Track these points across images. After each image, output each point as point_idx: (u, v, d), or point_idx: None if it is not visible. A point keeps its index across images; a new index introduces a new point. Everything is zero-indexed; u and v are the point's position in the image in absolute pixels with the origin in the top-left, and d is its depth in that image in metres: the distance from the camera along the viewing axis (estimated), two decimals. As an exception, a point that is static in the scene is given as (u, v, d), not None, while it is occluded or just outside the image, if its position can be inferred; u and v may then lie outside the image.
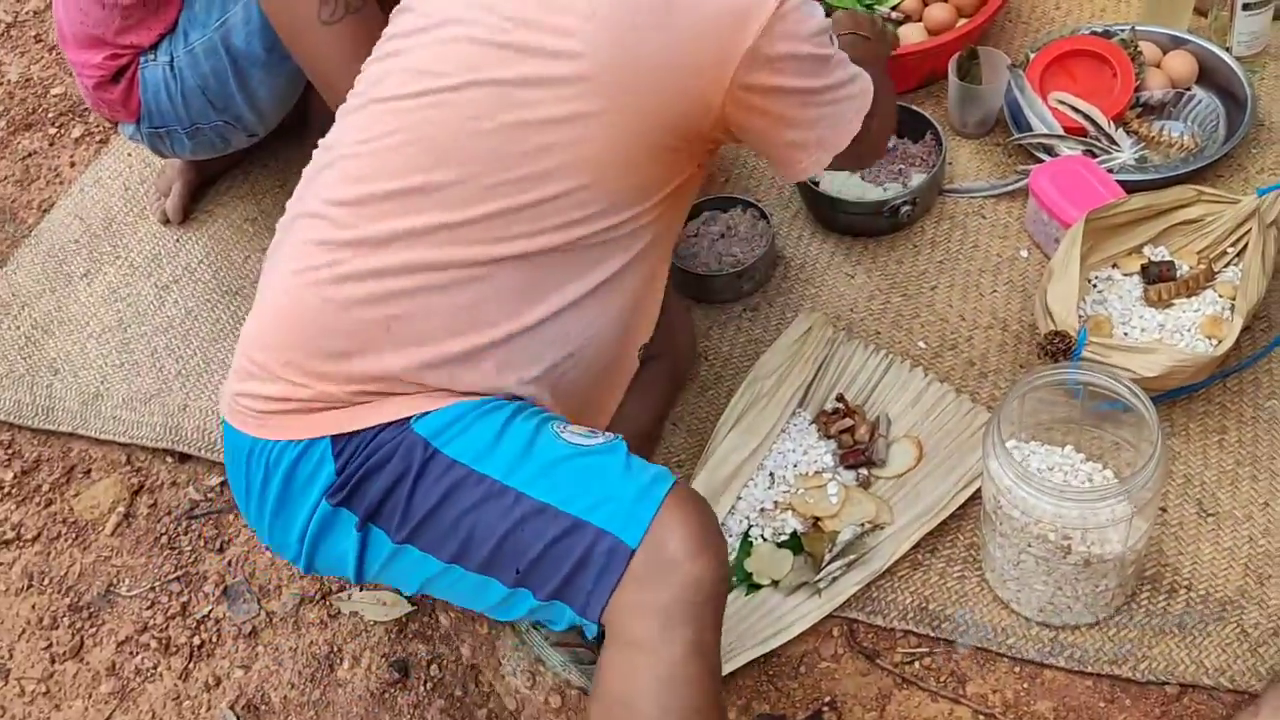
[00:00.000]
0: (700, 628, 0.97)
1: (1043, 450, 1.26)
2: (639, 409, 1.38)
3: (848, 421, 1.45)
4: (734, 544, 1.38)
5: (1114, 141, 1.65)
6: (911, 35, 1.81)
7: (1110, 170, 1.61)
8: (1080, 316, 1.46)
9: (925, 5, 1.86)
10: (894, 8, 1.86)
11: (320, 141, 1.16)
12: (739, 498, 1.43)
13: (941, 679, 1.27)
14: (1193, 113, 1.70)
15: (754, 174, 1.83)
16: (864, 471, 1.43)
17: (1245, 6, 1.70)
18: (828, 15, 1.13)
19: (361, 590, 1.44)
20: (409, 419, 1.04)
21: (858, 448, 1.43)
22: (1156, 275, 1.47)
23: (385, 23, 1.21)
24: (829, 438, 1.46)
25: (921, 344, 1.56)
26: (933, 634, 1.30)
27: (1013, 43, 1.91)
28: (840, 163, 1.15)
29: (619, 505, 0.99)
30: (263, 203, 1.92)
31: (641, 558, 0.97)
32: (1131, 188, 1.57)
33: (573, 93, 1.02)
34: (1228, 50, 1.74)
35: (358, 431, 1.04)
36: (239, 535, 1.55)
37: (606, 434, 1.07)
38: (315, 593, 1.47)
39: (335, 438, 1.04)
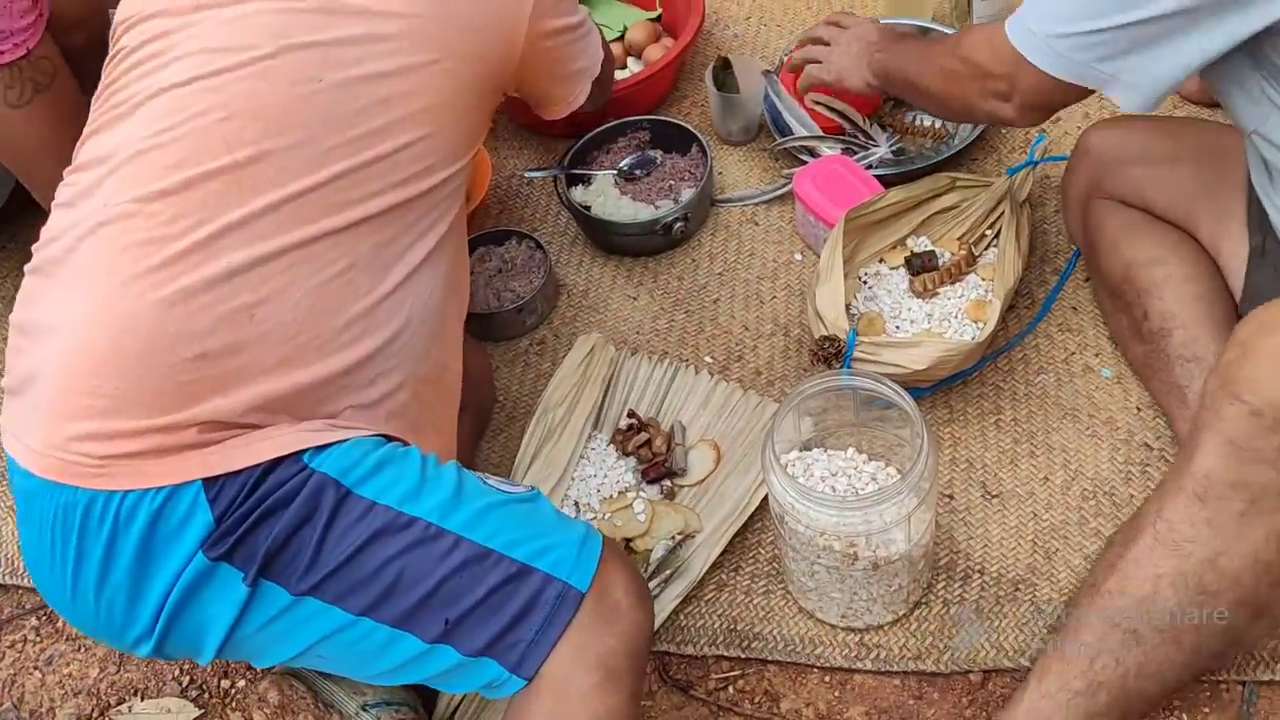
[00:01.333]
0: (638, 677, 0.98)
1: (825, 456, 1.26)
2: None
3: (643, 435, 1.43)
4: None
5: (870, 137, 1.68)
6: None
7: (870, 165, 1.64)
8: (854, 315, 1.48)
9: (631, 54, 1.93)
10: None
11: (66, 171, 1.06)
12: (547, 537, 1.38)
13: (756, 700, 1.25)
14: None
15: (527, 204, 1.79)
16: (667, 483, 1.41)
17: (985, -17, 1.75)
18: None
19: (142, 700, 1.33)
20: (300, 455, 0.95)
21: (657, 460, 1.41)
22: (920, 266, 1.50)
23: (81, 98, 1.12)
24: (628, 455, 1.43)
25: (709, 358, 1.55)
26: (744, 655, 1.28)
27: (768, 46, 1.94)
28: (595, 95, 1.35)
29: (565, 551, 0.97)
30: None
31: (590, 605, 0.95)
32: (891, 181, 1.60)
33: (395, 47, 1.04)
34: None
35: (237, 472, 0.93)
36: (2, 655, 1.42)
37: (523, 483, 1.06)
38: (92, 710, 1.35)
39: (207, 481, 0.93)
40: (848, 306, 1.48)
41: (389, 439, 1.03)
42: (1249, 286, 1.25)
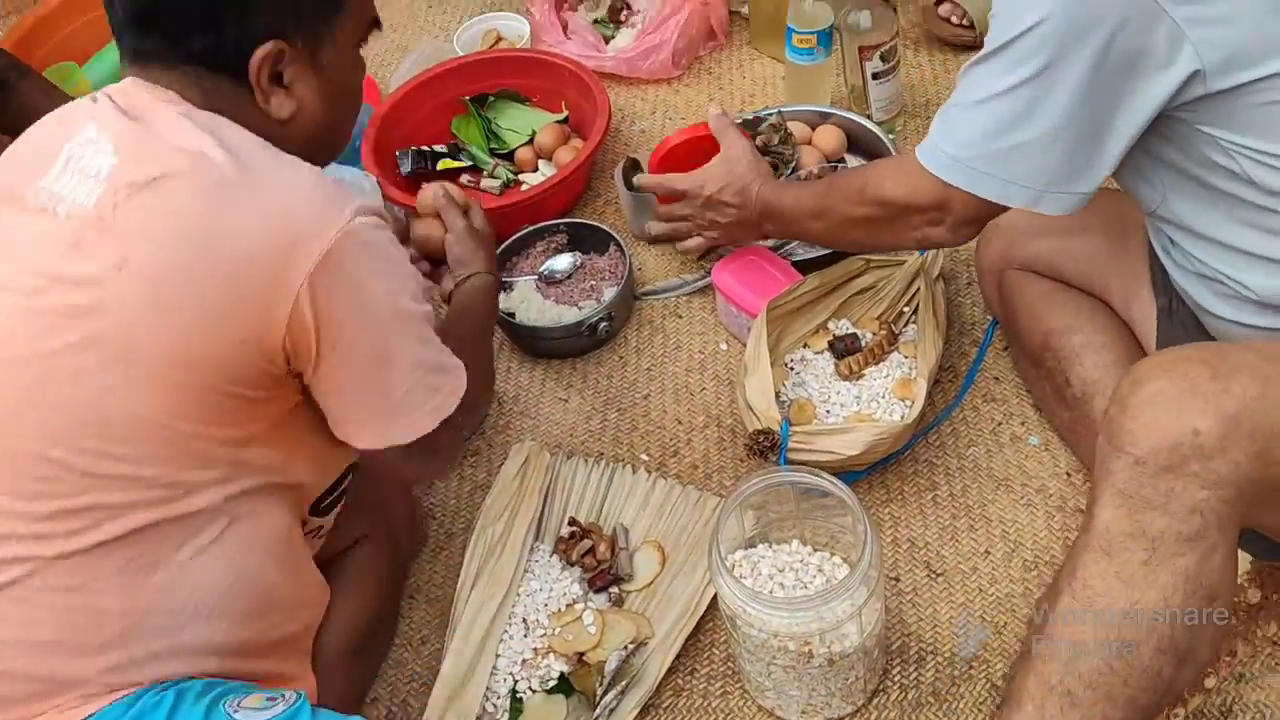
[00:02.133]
0: None
1: (770, 553, 1.26)
2: (355, 604, 1.29)
3: (587, 543, 1.42)
4: (503, 706, 1.31)
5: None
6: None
7: (783, 250, 1.67)
8: (784, 403, 1.49)
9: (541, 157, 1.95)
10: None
11: None
12: (498, 656, 1.35)
13: (724, 808, 1.23)
14: (849, 181, 1.79)
15: (450, 313, 1.78)
16: (615, 590, 1.39)
17: (874, 76, 1.81)
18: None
19: None
20: None
21: (602, 568, 1.39)
22: (843, 349, 1.52)
23: None
24: (572, 564, 1.41)
25: (645, 455, 1.55)
26: (707, 762, 1.26)
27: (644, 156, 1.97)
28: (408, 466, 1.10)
29: None
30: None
31: None
32: (806, 266, 1.62)
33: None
34: (868, 117, 1.85)
35: None
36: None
37: (288, 695, 0.97)
38: None
39: None
40: (777, 395, 1.50)
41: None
42: (1160, 346, 1.29)
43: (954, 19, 1.99)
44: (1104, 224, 1.34)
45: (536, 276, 1.72)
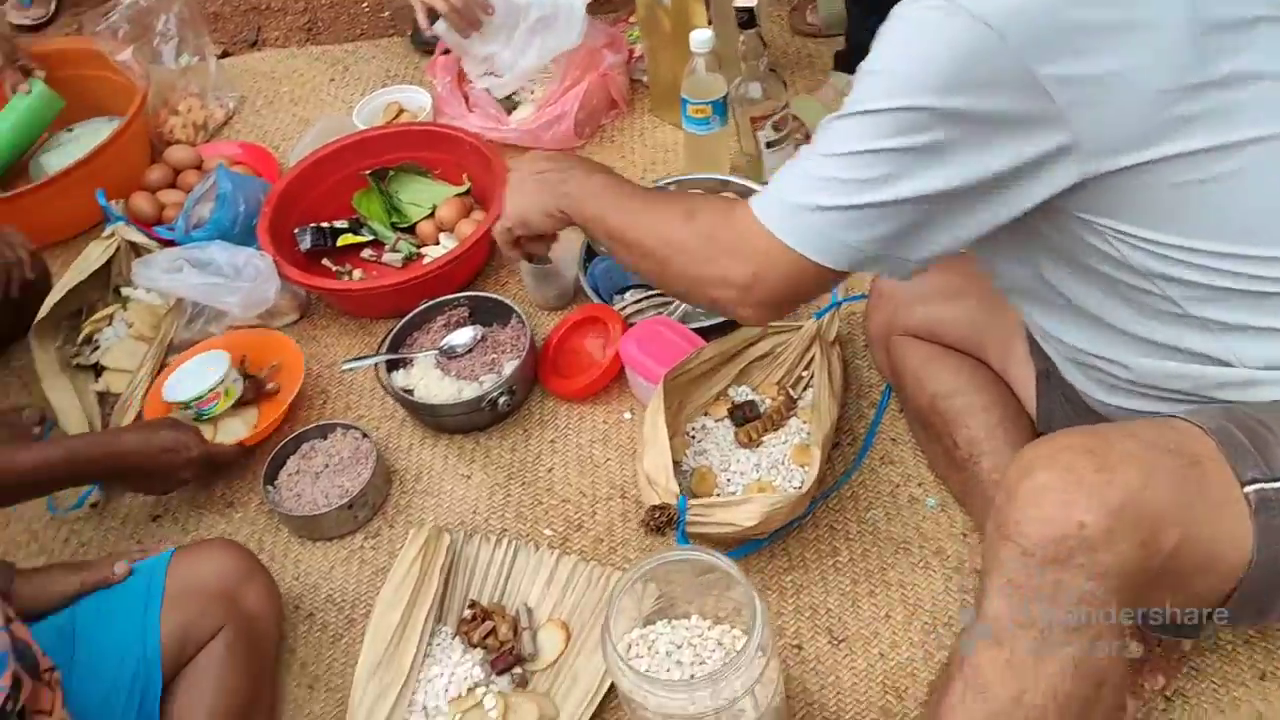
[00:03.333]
0: None
1: (669, 629, 1.25)
2: (219, 697, 1.28)
3: (488, 624, 1.39)
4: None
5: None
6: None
7: (684, 315, 1.68)
8: (685, 472, 1.49)
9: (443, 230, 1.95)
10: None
11: None
12: (400, 746, 1.32)
13: None
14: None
15: (350, 392, 1.76)
16: (518, 670, 1.37)
17: (768, 145, 1.84)
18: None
19: None
20: None
21: (505, 649, 1.37)
22: (743, 417, 1.53)
23: None
24: (474, 646, 1.39)
25: (548, 530, 1.54)
26: (613, 846, 1.24)
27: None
28: None
29: None
30: None
31: None
32: (708, 333, 1.64)
33: None
34: (765, 184, 1.88)
35: None
36: None
37: None
38: None
39: None
40: (678, 464, 1.50)
41: None
42: (1041, 411, 1.32)
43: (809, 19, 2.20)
44: (980, 289, 1.37)
45: (437, 351, 1.70)
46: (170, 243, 1.91)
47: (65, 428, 1.71)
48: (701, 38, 1.81)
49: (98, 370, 1.79)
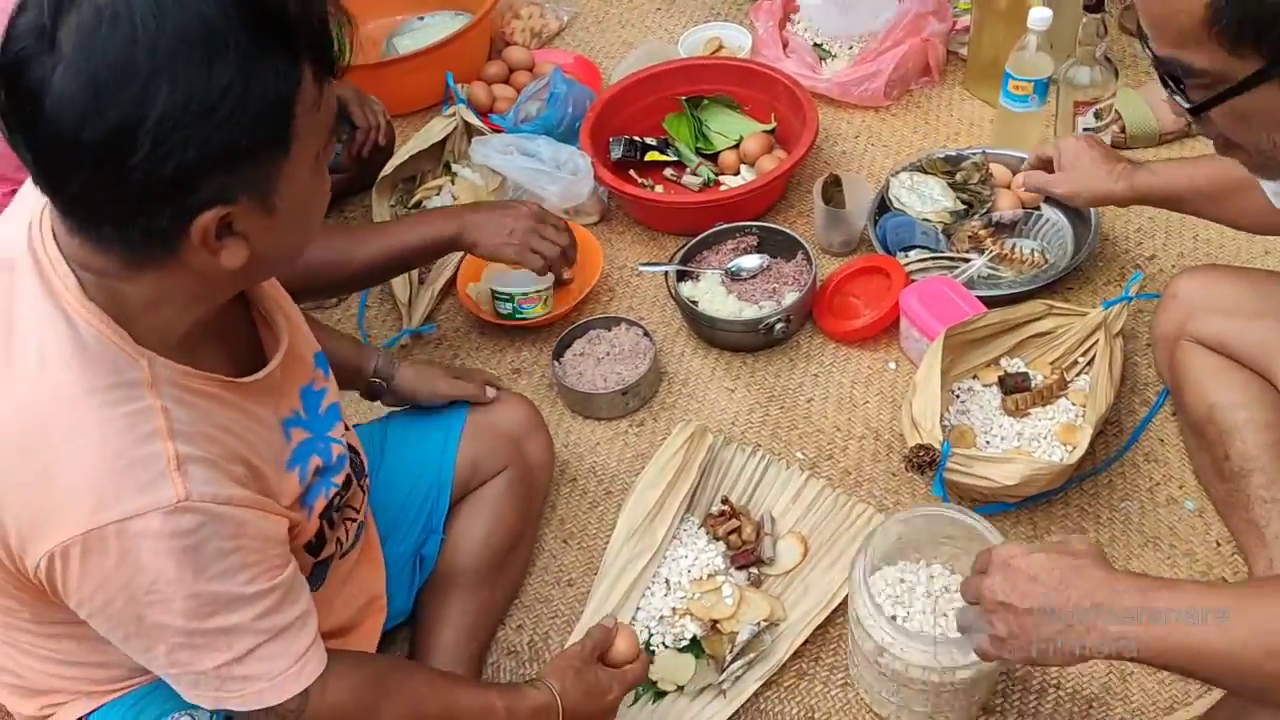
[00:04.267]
0: None
1: (910, 573, 1.31)
2: (492, 528, 1.43)
3: (734, 523, 1.50)
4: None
5: (965, 259, 1.77)
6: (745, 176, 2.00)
7: (969, 281, 1.72)
8: (945, 427, 1.54)
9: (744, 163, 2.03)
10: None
11: None
12: (638, 609, 1.45)
13: (828, 789, 1.29)
14: (1042, 230, 1.82)
15: (637, 294, 1.89)
16: (754, 570, 1.47)
17: (1084, 130, 1.84)
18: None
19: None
20: None
21: (746, 548, 1.47)
22: (1013, 386, 1.56)
23: None
24: (718, 539, 1.50)
25: (800, 454, 1.62)
26: (819, 746, 1.32)
27: (875, 164, 2.03)
28: None
29: None
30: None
31: None
32: (990, 302, 1.67)
33: None
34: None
35: None
36: None
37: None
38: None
39: None
40: (940, 418, 1.55)
41: None
42: None
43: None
44: (1279, 312, 1.35)
45: (724, 271, 1.81)
46: (501, 130, 2.08)
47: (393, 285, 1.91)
48: (1041, 15, 1.82)
49: (421, 233, 1.99)
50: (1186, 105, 0.95)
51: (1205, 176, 1.44)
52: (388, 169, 1.99)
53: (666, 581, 1.47)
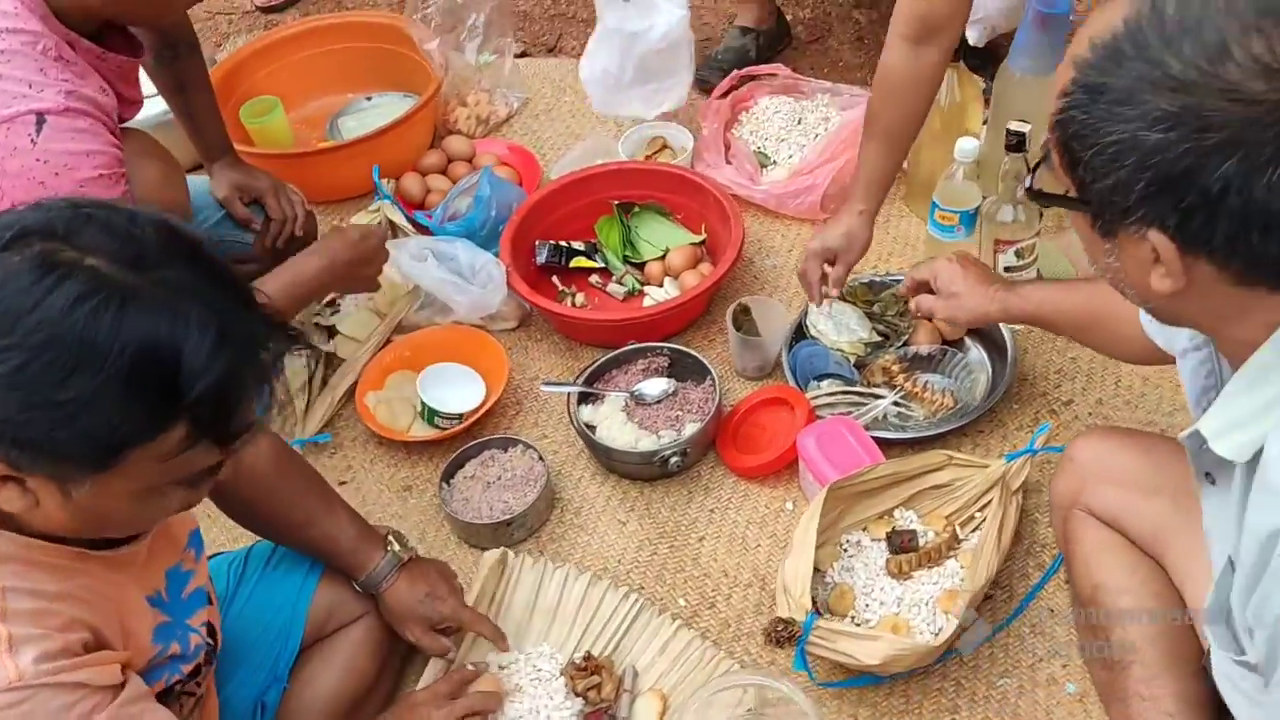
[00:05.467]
0: None
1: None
2: (343, 678, 1.39)
3: (595, 679, 1.44)
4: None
5: (875, 396, 1.71)
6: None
7: (874, 421, 1.67)
8: (828, 585, 1.49)
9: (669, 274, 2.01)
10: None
11: None
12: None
13: None
14: (957, 368, 1.76)
15: (543, 410, 1.85)
16: (607, 731, 1.41)
17: (1005, 269, 1.78)
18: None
19: None
20: None
21: (602, 706, 1.42)
22: (899, 545, 1.50)
23: None
24: (577, 695, 1.44)
25: (682, 601, 1.57)
26: None
27: (789, 290, 1.98)
28: None
29: None
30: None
31: None
32: (892, 445, 1.61)
33: None
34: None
35: None
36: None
37: None
38: None
39: None
40: (822, 574, 1.49)
41: None
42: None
43: None
44: (1178, 491, 1.28)
45: (628, 395, 1.76)
46: (424, 229, 2.06)
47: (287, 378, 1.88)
48: (967, 147, 1.77)
49: (331, 332, 1.96)
50: (1026, 185, 0.96)
51: (1075, 304, 1.42)
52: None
53: (509, 733, 1.41)
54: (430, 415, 1.78)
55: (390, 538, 1.42)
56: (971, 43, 2.16)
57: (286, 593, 1.41)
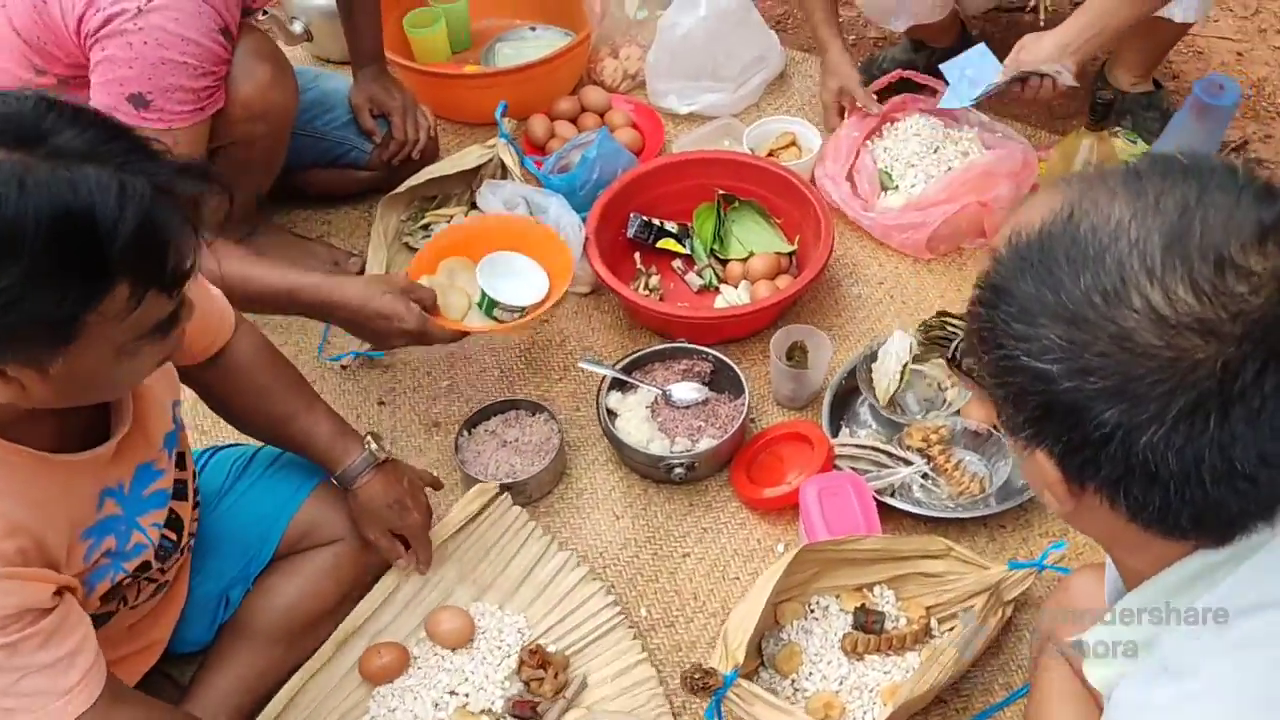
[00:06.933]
0: None
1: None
2: (303, 595, 1.45)
3: (540, 673, 1.47)
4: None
5: (904, 460, 1.64)
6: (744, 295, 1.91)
7: (888, 489, 1.61)
8: (781, 640, 1.46)
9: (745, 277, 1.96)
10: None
11: None
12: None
13: None
14: (1000, 453, 1.67)
15: (583, 381, 1.86)
16: (528, 728, 1.43)
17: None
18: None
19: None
20: None
21: (531, 702, 1.44)
22: (862, 623, 1.45)
23: None
24: (520, 679, 1.47)
25: (645, 611, 1.57)
26: None
27: (882, 319, 1.91)
28: None
29: None
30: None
31: None
32: (903, 517, 1.56)
33: None
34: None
35: None
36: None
37: None
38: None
39: None
40: (781, 628, 1.47)
41: None
42: None
43: None
44: None
45: (660, 391, 1.75)
46: (532, 177, 2.07)
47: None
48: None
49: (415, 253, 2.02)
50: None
51: None
52: (401, 188, 2.02)
53: (451, 694, 1.45)
54: (489, 306, 1.65)
55: (368, 437, 1.46)
56: (898, 30, 2.21)
57: (275, 500, 1.49)
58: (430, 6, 2.40)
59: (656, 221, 2.01)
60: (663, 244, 2.01)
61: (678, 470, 1.65)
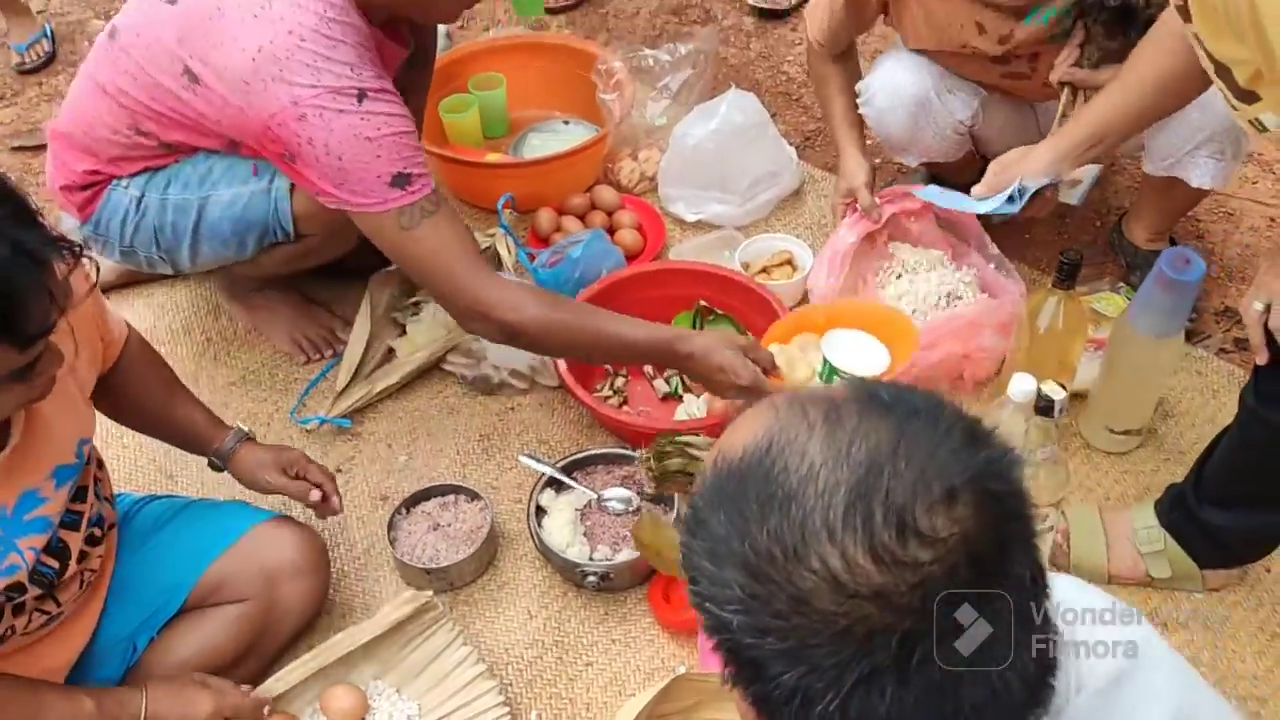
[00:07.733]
0: None
1: None
2: (190, 649, 1.50)
3: None
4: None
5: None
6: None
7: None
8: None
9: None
10: None
11: None
12: None
13: None
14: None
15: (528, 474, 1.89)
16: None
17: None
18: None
19: None
20: None
21: None
22: None
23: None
24: None
25: (535, 716, 1.58)
26: None
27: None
28: None
29: None
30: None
31: None
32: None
33: None
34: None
35: None
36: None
37: None
38: None
39: None
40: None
41: None
42: None
43: None
44: None
45: (595, 495, 1.77)
46: (524, 270, 2.13)
47: (341, 366, 2.03)
48: (1025, 387, 1.62)
49: (403, 330, 2.09)
50: None
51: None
52: (393, 266, 2.09)
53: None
54: (830, 373, 1.77)
55: (238, 425, 1.62)
56: (910, 165, 2.18)
57: (192, 552, 1.55)
58: (469, 93, 2.50)
59: (638, 324, 2.04)
60: (636, 348, 2.03)
61: (590, 578, 1.66)
